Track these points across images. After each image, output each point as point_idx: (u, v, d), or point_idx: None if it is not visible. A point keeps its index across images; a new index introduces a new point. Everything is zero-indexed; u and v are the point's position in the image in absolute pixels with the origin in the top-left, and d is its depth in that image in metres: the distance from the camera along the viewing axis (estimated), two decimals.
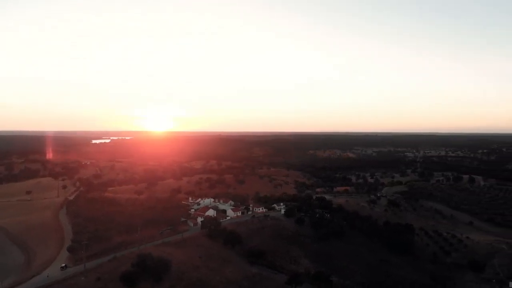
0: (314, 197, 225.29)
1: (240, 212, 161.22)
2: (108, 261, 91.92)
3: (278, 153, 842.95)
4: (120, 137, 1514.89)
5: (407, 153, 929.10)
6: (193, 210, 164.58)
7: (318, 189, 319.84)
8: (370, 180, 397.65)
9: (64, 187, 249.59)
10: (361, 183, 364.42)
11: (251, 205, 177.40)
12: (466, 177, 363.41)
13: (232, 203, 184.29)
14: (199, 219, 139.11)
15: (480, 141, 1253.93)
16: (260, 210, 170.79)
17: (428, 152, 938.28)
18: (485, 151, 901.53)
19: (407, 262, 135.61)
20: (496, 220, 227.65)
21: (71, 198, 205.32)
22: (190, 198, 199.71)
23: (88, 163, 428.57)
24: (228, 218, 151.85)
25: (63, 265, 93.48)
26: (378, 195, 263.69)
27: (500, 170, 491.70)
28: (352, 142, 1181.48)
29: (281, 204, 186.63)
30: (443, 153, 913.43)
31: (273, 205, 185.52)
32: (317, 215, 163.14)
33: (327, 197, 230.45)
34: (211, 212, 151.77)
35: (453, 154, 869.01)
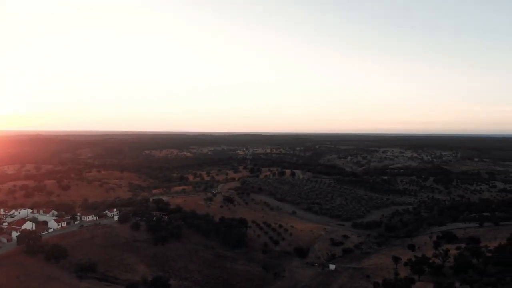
0: (151, 199, 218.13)
1: (65, 222, 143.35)
2: None
3: (109, 154, 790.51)
4: None
5: (238, 151, 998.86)
6: (6, 223, 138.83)
7: (155, 190, 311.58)
8: (206, 178, 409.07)
9: None
10: (198, 181, 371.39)
11: (78, 214, 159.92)
12: (288, 171, 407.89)
13: (55, 213, 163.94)
14: (14, 234, 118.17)
15: (298, 139, 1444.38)
16: (90, 218, 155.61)
17: (256, 150, 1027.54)
18: (302, 148, 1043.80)
19: (241, 255, 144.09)
20: (314, 209, 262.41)
21: None
22: (1, 210, 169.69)
23: None
24: (50, 230, 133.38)
25: None
26: (214, 192, 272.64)
27: (315, 164, 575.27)
28: (189, 142, 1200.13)
29: (114, 210, 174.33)
30: (268, 150, 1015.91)
31: (104, 212, 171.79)
32: (154, 218, 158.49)
33: (165, 198, 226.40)
34: (29, 225, 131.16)
35: (276, 151, 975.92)
